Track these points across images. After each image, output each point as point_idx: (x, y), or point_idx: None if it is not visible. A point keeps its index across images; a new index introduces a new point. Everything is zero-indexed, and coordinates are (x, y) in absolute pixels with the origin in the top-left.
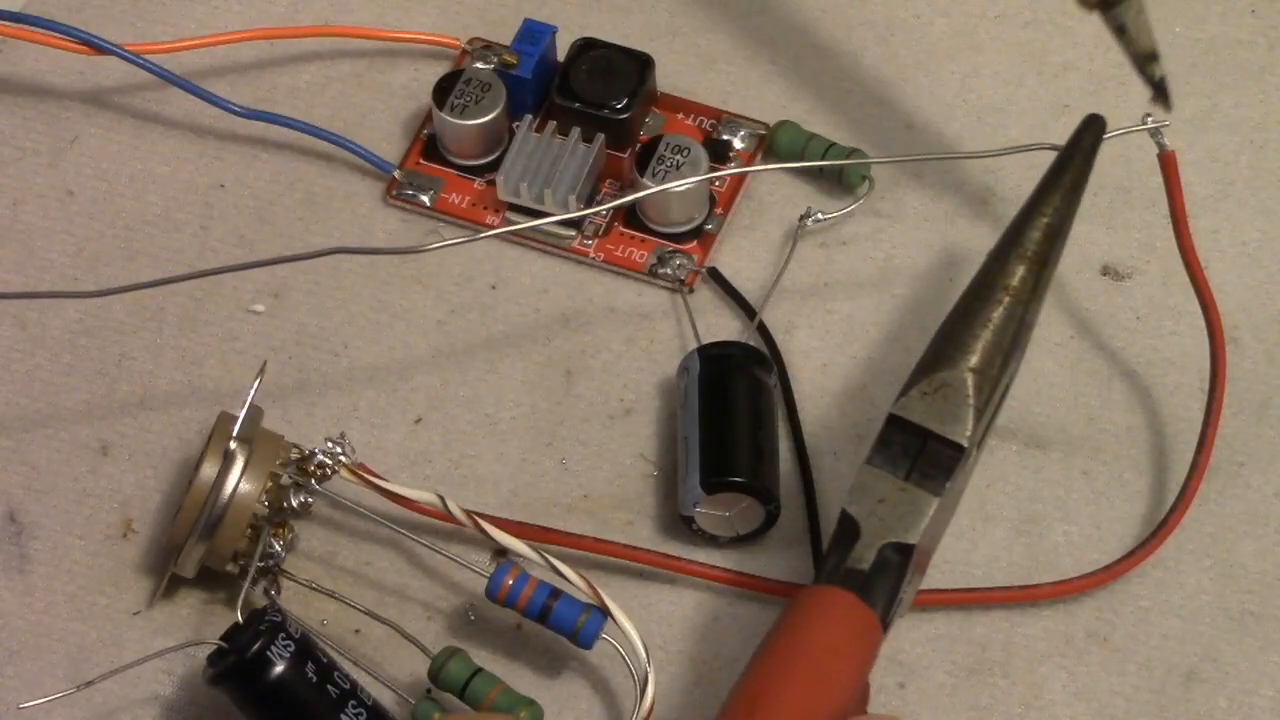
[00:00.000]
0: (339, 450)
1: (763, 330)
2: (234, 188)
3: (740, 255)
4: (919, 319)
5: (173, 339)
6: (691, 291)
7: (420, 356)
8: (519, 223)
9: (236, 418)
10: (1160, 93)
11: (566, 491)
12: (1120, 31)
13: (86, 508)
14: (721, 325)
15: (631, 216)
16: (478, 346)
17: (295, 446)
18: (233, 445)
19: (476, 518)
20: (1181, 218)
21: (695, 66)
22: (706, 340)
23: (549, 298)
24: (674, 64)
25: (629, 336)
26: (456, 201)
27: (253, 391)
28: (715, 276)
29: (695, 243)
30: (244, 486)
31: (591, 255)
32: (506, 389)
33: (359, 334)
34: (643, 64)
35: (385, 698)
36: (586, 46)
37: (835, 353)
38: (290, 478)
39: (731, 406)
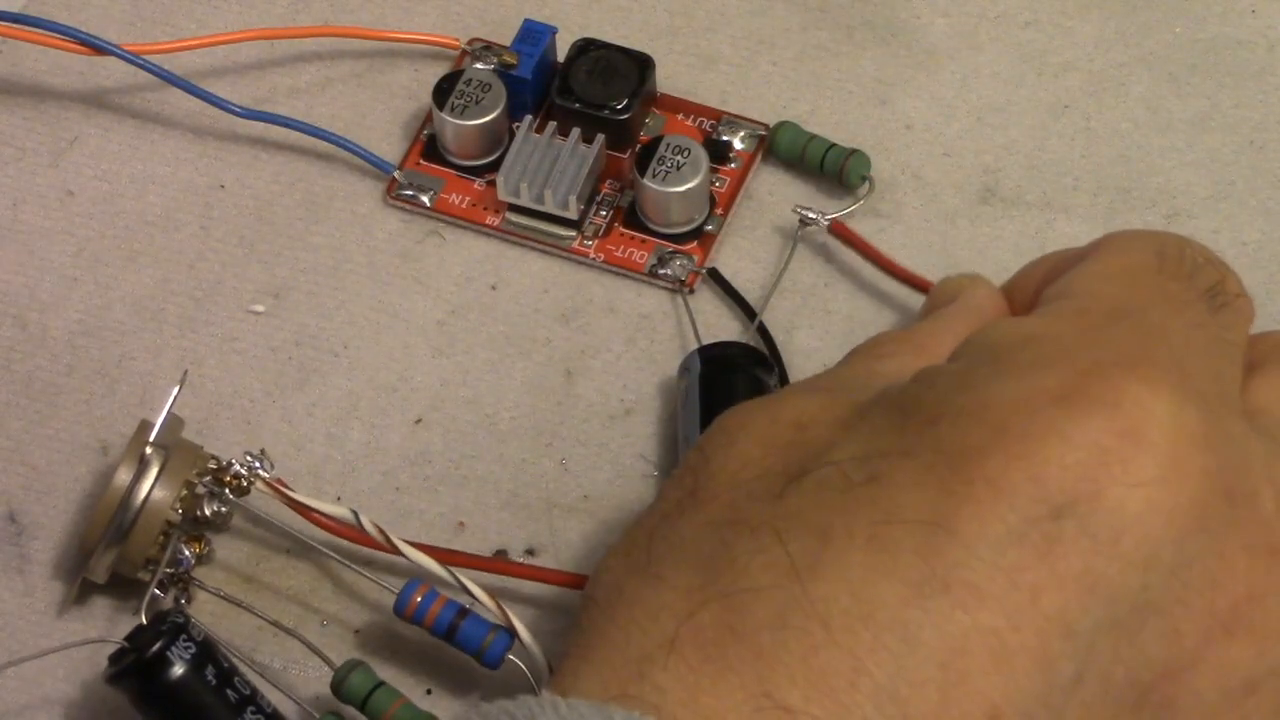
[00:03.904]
0: (257, 464)
1: (763, 331)
2: (234, 188)
3: (740, 256)
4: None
5: (173, 339)
6: (692, 292)
7: (420, 356)
8: (518, 222)
9: (153, 425)
10: None
11: (566, 492)
12: None
13: (87, 508)
14: (722, 326)
15: (632, 217)
16: (478, 346)
17: (214, 457)
18: (148, 451)
19: (390, 535)
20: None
21: (695, 66)
22: (707, 341)
23: (549, 298)
24: (674, 64)
25: (629, 337)
26: (456, 202)
27: (171, 400)
28: (715, 277)
29: (695, 243)
30: (157, 493)
31: (592, 256)
32: (506, 389)
33: (359, 334)
34: (643, 64)
35: (289, 710)
36: (586, 47)
37: (835, 353)
38: (205, 487)
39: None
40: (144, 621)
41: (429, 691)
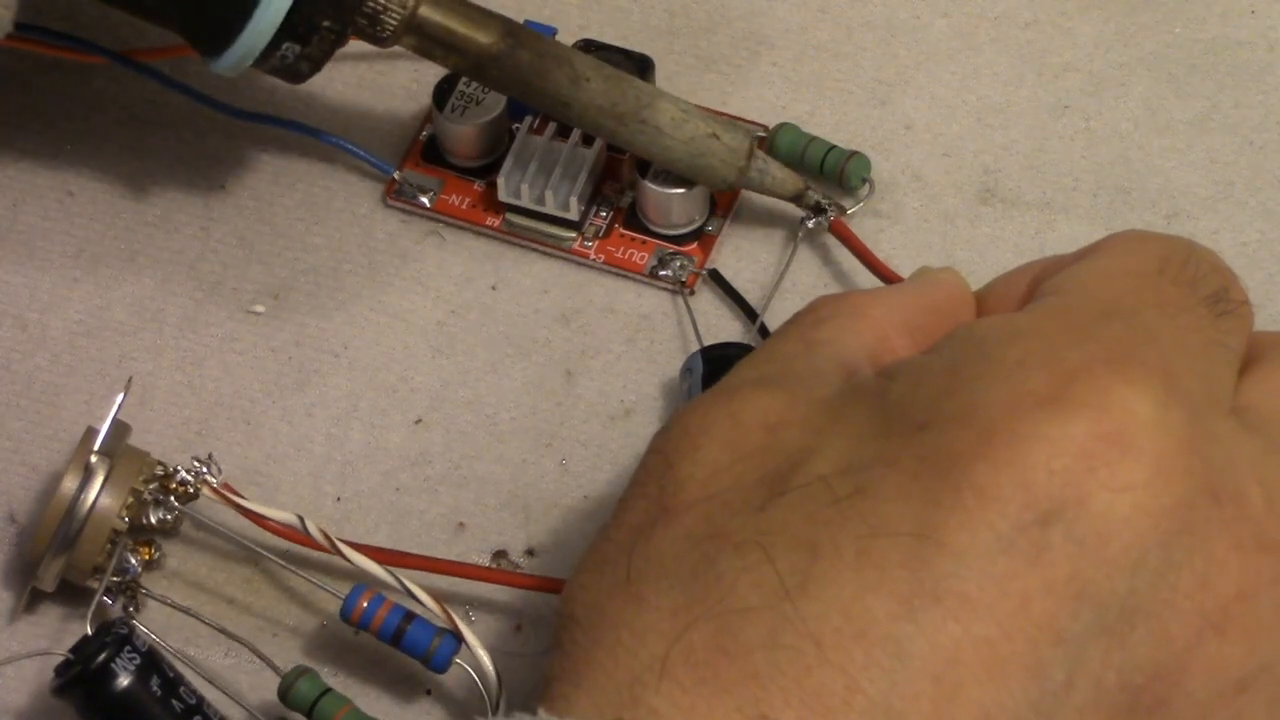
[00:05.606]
0: (205, 470)
1: (764, 332)
2: (234, 189)
3: (741, 257)
4: None
5: (173, 339)
6: (692, 293)
7: (420, 356)
8: (519, 223)
9: (98, 432)
10: (821, 210)
11: (566, 492)
12: (764, 190)
13: None
14: (723, 327)
15: (632, 218)
16: (478, 347)
17: (160, 464)
18: (93, 459)
19: (335, 540)
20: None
21: (695, 67)
22: (708, 342)
23: (549, 298)
24: (674, 64)
25: (629, 338)
26: (456, 203)
27: (115, 407)
28: (716, 278)
29: (696, 244)
30: (103, 501)
31: (592, 257)
32: (506, 389)
33: (359, 334)
34: (643, 65)
35: (237, 716)
36: (586, 47)
37: None
38: (151, 495)
39: None
40: (89, 632)
41: (428, 692)
